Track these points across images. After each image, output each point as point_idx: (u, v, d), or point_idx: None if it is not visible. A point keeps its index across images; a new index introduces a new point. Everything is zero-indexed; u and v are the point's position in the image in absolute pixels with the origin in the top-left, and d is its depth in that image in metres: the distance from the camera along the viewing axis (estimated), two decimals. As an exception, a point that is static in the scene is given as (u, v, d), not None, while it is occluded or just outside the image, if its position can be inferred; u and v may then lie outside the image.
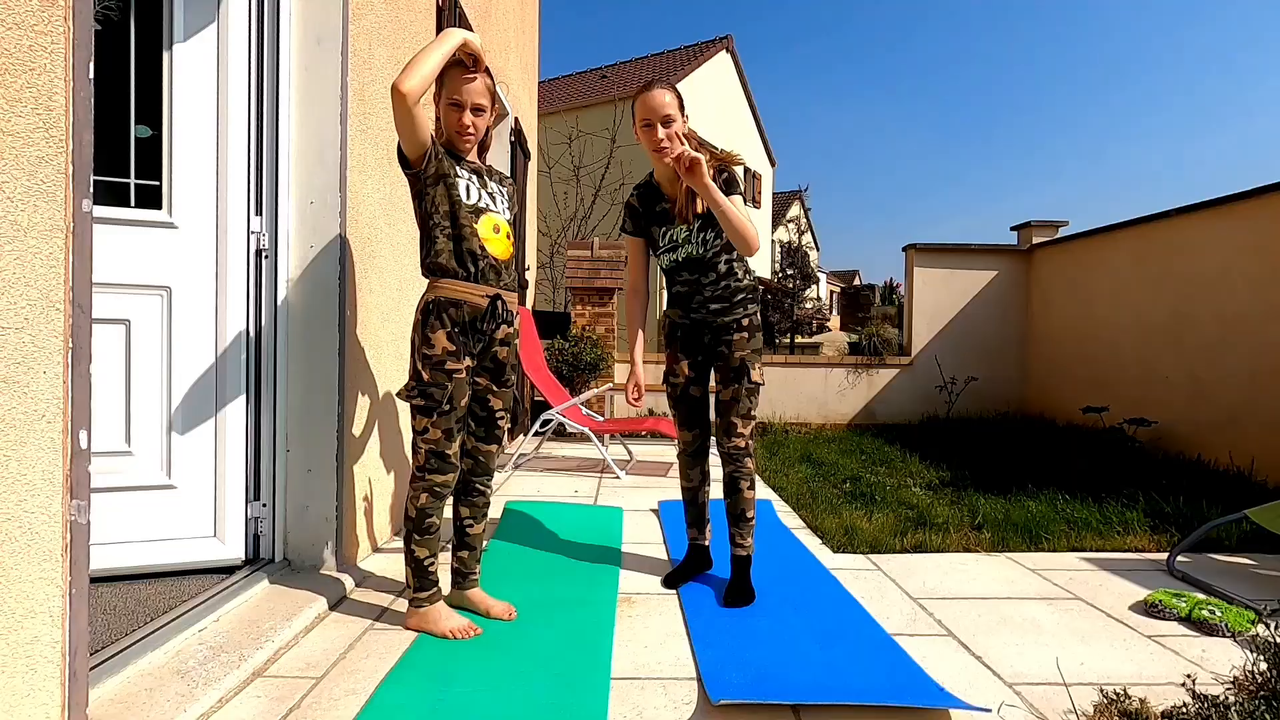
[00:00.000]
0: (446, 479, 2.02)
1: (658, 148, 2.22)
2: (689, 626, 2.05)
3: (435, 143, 2.00)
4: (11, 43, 1.22)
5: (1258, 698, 1.54)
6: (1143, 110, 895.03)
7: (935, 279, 7.03)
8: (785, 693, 1.63)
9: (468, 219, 1.99)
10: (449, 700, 1.62)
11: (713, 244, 2.29)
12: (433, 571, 2.05)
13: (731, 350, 2.32)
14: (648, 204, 2.40)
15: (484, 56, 2.01)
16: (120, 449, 2.09)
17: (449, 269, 1.98)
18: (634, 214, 2.42)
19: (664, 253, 2.36)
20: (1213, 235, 4.75)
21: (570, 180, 11.57)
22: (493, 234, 2.03)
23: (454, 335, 1.97)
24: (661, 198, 2.36)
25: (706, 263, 2.31)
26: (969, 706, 1.60)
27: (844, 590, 2.36)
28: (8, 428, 1.23)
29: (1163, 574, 2.60)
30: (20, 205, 1.24)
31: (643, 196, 2.42)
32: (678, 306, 2.42)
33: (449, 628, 1.98)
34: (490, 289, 2.02)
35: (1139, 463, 4.52)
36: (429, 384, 1.96)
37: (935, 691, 1.66)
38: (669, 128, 2.21)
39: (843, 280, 37.80)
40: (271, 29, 2.25)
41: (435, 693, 1.66)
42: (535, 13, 6.66)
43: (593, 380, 6.17)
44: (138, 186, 2.18)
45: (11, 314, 1.23)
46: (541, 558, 2.64)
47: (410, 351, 2.01)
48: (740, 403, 2.31)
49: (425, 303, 1.99)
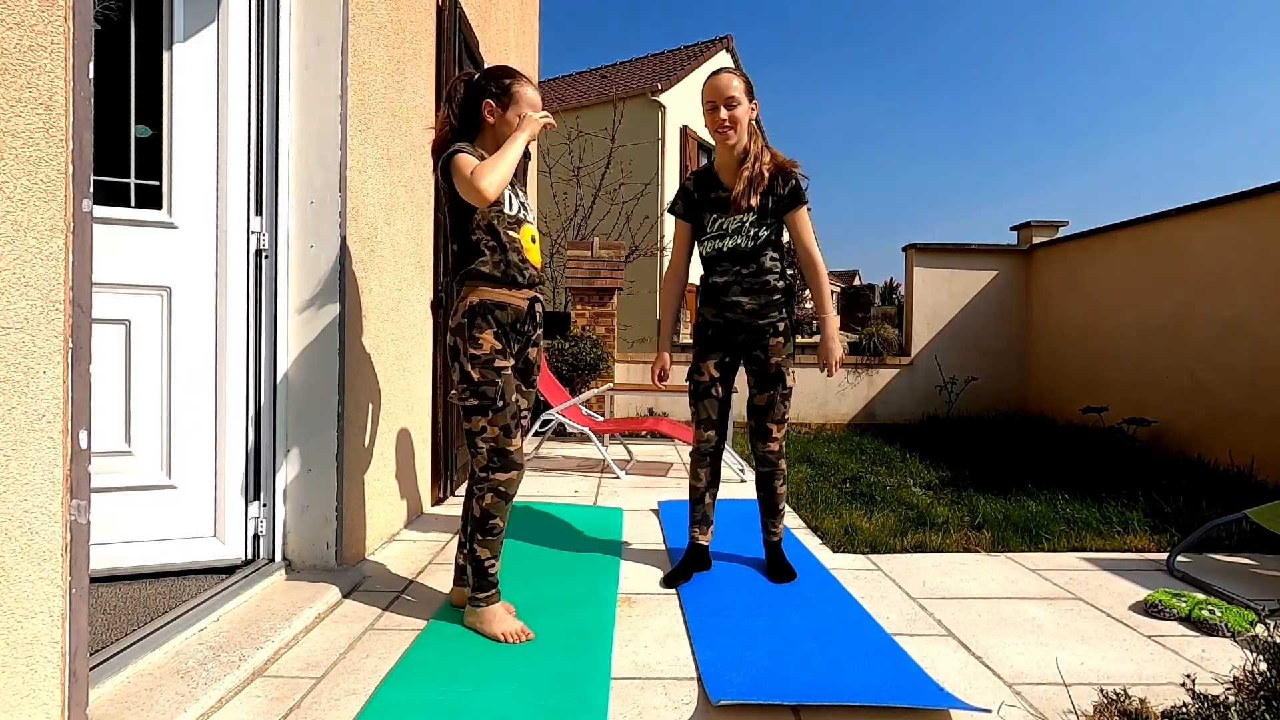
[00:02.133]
0: (510, 477, 2.00)
1: (719, 128, 2.26)
2: (689, 626, 2.05)
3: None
4: (11, 43, 1.22)
5: (1258, 698, 1.54)
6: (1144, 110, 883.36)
7: (935, 279, 7.03)
8: (786, 693, 1.63)
9: (511, 230, 2.03)
10: (450, 700, 1.62)
11: (761, 240, 2.32)
12: (493, 573, 2.03)
13: (769, 355, 2.34)
14: (703, 189, 2.41)
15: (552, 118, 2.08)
16: (120, 449, 2.09)
17: (495, 278, 2.00)
18: (688, 198, 2.44)
19: (710, 239, 2.38)
20: (1213, 235, 4.75)
21: (570, 180, 11.57)
22: (530, 244, 2.08)
23: (499, 335, 2.00)
24: (719, 185, 2.38)
25: (750, 254, 2.33)
26: (969, 707, 1.60)
27: (844, 590, 2.36)
28: (8, 428, 1.23)
29: (1163, 574, 2.60)
30: (20, 205, 1.24)
31: (699, 182, 2.43)
32: (711, 303, 2.41)
33: (503, 630, 1.96)
34: (530, 292, 2.08)
35: (1139, 462, 4.52)
36: (480, 383, 1.96)
37: (935, 692, 1.66)
38: (733, 109, 2.24)
39: (843, 280, 37.76)
40: (271, 29, 2.25)
41: (436, 692, 1.66)
42: (535, 13, 6.66)
43: (593, 380, 6.17)
44: (138, 186, 2.18)
45: (11, 314, 1.23)
46: (541, 557, 2.64)
47: (454, 356, 2.01)
48: (776, 408, 2.36)
49: (469, 305, 1.99)
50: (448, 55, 3.40)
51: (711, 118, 2.28)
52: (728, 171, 2.36)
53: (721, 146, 2.33)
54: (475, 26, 3.99)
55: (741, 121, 2.27)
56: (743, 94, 2.26)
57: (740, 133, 2.28)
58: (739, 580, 2.42)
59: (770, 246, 2.34)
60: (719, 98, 2.25)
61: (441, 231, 3.40)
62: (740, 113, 2.26)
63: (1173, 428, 4.98)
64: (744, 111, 2.27)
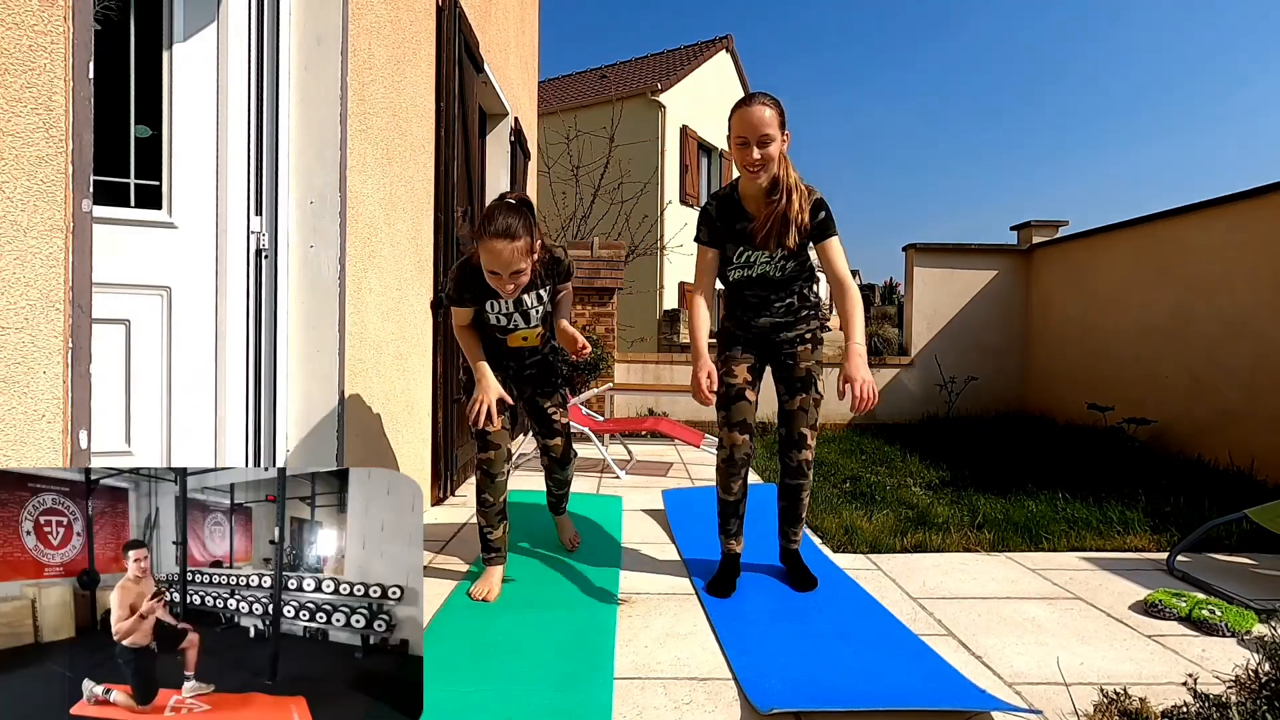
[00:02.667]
0: (488, 455, 2.26)
1: (749, 166, 2.08)
2: (718, 633, 2.01)
3: (468, 293, 2.22)
4: (11, 43, 1.22)
5: (1259, 697, 1.54)
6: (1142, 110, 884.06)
7: (935, 279, 7.03)
8: (833, 700, 1.61)
9: (498, 333, 2.33)
10: (452, 700, 1.62)
11: (790, 270, 2.22)
12: (491, 539, 2.31)
13: (797, 360, 2.27)
14: (727, 218, 2.24)
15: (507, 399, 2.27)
16: (120, 449, 2.09)
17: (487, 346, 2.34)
18: (711, 225, 2.25)
19: (736, 269, 2.25)
20: (1213, 235, 4.75)
21: (569, 180, 11.57)
22: (521, 341, 2.35)
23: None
24: (743, 215, 2.22)
25: (779, 283, 2.23)
26: (1015, 708, 1.59)
27: (863, 590, 2.34)
28: (8, 428, 1.22)
29: (1163, 574, 2.60)
30: (20, 205, 1.24)
31: (722, 209, 2.25)
32: (739, 319, 2.33)
33: (477, 590, 2.25)
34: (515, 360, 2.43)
35: (1139, 462, 4.52)
36: (467, 381, 2.37)
37: (977, 694, 1.64)
38: (766, 147, 2.05)
39: (842, 280, 37.69)
40: (271, 28, 2.25)
41: (441, 691, 1.66)
42: (535, 13, 6.66)
43: (593, 380, 6.17)
44: (138, 186, 2.18)
45: (11, 314, 1.23)
46: (541, 557, 2.64)
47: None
48: (809, 413, 2.28)
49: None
50: (447, 55, 3.40)
51: (740, 154, 2.07)
52: (753, 201, 2.19)
53: (747, 180, 2.16)
54: (475, 26, 3.99)
55: (774, 159, 2.08)
56: (777, 128, 2.06)
57: (771, 171, 2.09)
58: (756, 583, 2.39)
59: (801, 273, 2.24)
60: (752, 135, 2.03)
61: (442, 232, 3.40)
62: (773, 150, 2.06)
63: (1173, 427, 4.98)
64: (777, 148, 2.07)
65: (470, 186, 4.01)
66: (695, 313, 2.27)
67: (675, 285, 15.53)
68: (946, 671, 1.77)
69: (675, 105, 15.44)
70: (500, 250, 2.02)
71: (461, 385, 2.20)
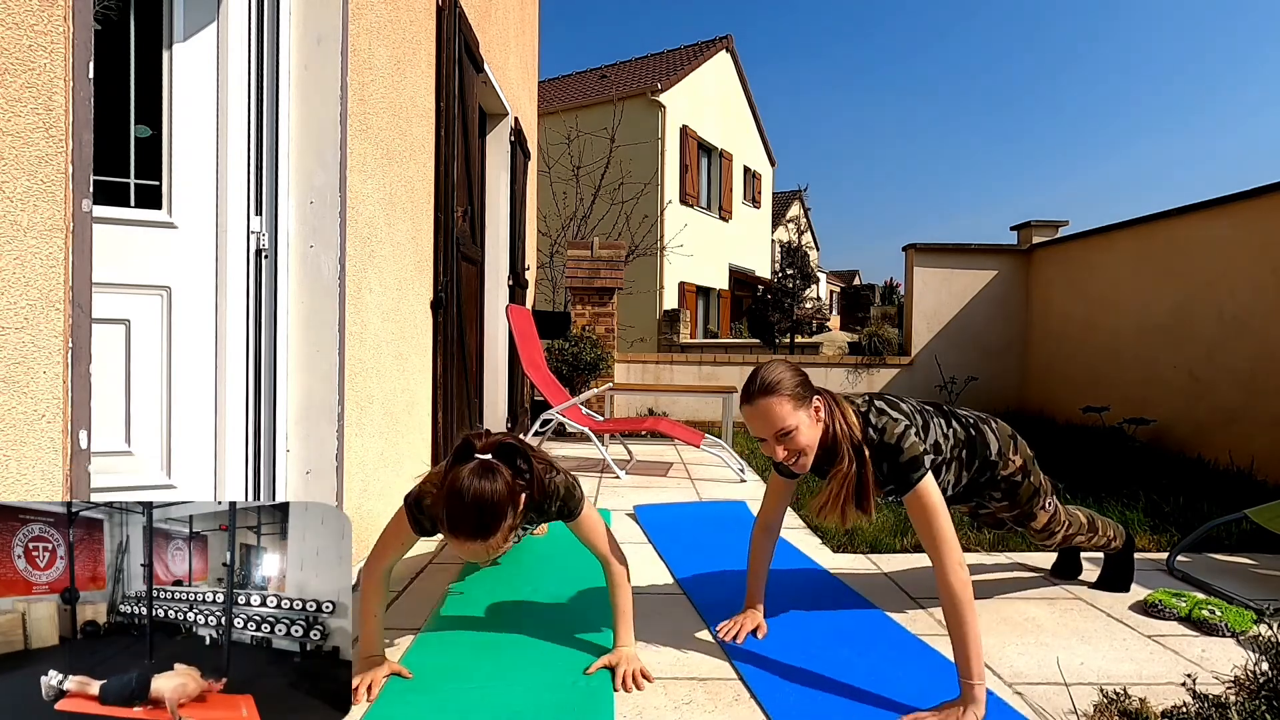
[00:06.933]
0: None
1: (785, 461, 1.78)
2: (738, 670, 1.83)
3: (430, 523, 1.77)
4: (11, 43, 1.22)
5: (1258, 697, 1.54)
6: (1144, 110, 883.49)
7: (935, 279, 7.03)
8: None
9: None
10: (454, 700, 1.62)
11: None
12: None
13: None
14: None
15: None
16: (120, 449, 2.09)
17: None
18: (780, 467, 1.96)
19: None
20: (1213, 235, 4.75)
21: (570, 180, 11.58)
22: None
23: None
24: (817, 467, 1.87)
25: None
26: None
27: (877, 610, 2.22)
28: (8, 428, 1.23)
29: (1163, 574, 2.60)
30: (20, 205, 1.24)
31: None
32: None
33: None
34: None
35: (1139, 462, 4.52)
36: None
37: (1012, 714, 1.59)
38: (789, 441, 1.73)
39: (843, 280, 37.77)
40: (271, 28, 2.25)
41: (445, 690, 1.66)
42: (535, 12, 6.66)
43: (592, 380, 6.17)
44: (138, 186, 2.18)
45: (11, 314, 1.23)
46: (540, 557, 2.64)
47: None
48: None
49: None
50: (447, 55, 3.40)
51: (766, 448, 1.78)
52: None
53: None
54: (475, 26, 3.99)
55: (808, 447, 1.76)
56: (794, 413, 1.71)
57: (810, 457, 1.78)
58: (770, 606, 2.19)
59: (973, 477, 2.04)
60: (769, 433, 1.74)
61: (442, 232, 3.40)
62: (803, 435, 1.73)
63: (1173, 427, 4.98)
64: (807, 427, 1.74)
65: (470, 186, 4.01)
66: (753, 557, 2.04)
67: (675, 285, 15.53)
68: (993, 700, 1.63)
69: (675, 105, 15.45)
70: (476, 550, 1.54)
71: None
